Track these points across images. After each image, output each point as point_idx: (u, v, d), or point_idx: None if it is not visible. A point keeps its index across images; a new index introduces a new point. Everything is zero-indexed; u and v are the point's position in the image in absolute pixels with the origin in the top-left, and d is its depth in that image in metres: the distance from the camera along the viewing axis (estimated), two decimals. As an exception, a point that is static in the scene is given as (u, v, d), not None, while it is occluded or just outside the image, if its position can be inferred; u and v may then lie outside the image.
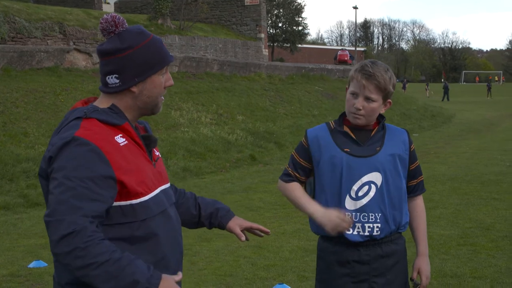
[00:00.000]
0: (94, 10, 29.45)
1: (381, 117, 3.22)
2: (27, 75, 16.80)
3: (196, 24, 30.76)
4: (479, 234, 8.17)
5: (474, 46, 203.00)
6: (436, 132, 25.66)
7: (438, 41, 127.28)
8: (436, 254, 7.23)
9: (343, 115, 3.25)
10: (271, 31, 51.57)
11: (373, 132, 3.17)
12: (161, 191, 2.52)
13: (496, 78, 74.84)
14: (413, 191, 3.29)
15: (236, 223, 2.94)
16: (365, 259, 3.13)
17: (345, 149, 3.12)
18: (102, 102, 2.50)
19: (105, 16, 2.48)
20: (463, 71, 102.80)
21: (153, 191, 2.44)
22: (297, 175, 3.27)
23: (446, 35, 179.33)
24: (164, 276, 2.26)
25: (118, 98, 2.49)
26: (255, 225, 2.96)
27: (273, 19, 52.85)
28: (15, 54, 17.06)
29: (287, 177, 3.30)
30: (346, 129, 3.18)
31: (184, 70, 22.47)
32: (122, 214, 2.35)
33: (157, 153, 2.63)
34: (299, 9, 53.53)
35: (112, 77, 2.46)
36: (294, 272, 6.78)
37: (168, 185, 2.63)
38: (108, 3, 39.55)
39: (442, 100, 49.00)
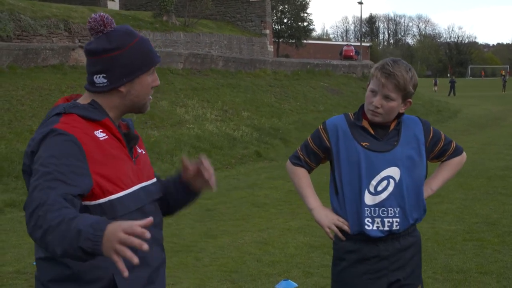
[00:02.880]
0: (99, 7, 29.47)
1: (400, 115, 3.21)
2: (32, 72, 16.83)
3: (201, 20, 30.74)
4: (485, 229, 8.15)
5: (480, 40, 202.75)
6: (442, 127, 25.58)
7: (444, 36, 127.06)
8: (442, 249, 7.22)
9: (362, 108, 3.23)
10: (276, 27, 51.55)
11: (391, 128, 3.18)
12: (141, 188, 2.48)
13: (502, 72, 74.64)
14: (448, 158, 3.38)
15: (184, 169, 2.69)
16: (384, 254, 3.14)
17: (363, 143, 3.12)
18: (84, 99, 2.50)
19: (93, 15, 2.47)
20: (469, 66, 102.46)
21: (130, 187, 2.40)
22: (307, 160, 3.29)
23: (452, 30, 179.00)
24: (115, 222, 2.02)
25: (104, 97, 2.48)
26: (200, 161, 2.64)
27: (278, 15, 52.84)
28: (20, 51, 17.08)
29: (296, 161, 3.33)
30: (364, 123, 3.17)
31: (189, 67, 22.46)
32: (102, 212, 2.30)
33: (140, 150, 2.60)
34: (304, 5, 53.49)
35: (99, 77, 2.45)
36: (299, 268, 6.78)
37: (150, 182, 2.58)
38: (113, 0, 39.54)
39: (448, 95, 48.88)
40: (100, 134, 2.39)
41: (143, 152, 2.63)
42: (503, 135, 21.51)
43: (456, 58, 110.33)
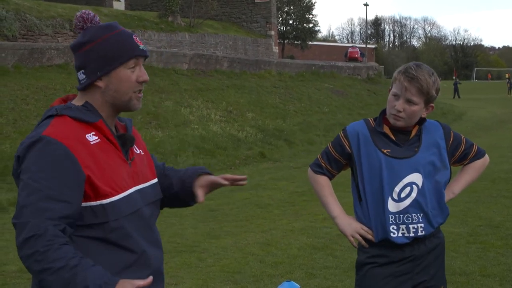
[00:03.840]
0: (105, 7, 29.52)
1: (422, 120, 3.20)
2: (37, 72, 16.87)
3: (206, 21, 30.77)
4: (488, 232, 8.13)
5: (486, 43, 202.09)
6: (447, 130, 25.50)
7: (450, 38, 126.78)
8: (445, 252, 7.21)
9: (382, 114, 3.22)
10: (282, 28, 51.55)
11: (412, 134, 3.17)
12: (137, 191, 2.43)
13: (507, 75, 74.50)
14: (470, 161, 3.36)
15: (198, 185, 2.66)
16: (409, 257, 3.14)
17: (385, 150, 3.11)
18: (78, 100, 2.45)
19: (77, 13, 2.46)
20: (475, 68, 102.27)
21: (124, 191, 2.36)
22: (329, 167, 3.28)
23: (457, 32, 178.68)
24: (122, 280, 2.12)
25: (89, 95, 2.43)
26: (217, 178, 2.65)
27: (284, 16, 52.85)
28: (25, 51, 17.13)
29: (318, 169, 3.31)
30: (386, 129, 3.16)
31: (194, 67, 22.48)
32: (93, 215, 2.29)
33: (139, 151, 2.56)
34: (309, 6, 53.50)
35: (80, 73, 2.43)
36: (302, 269, 6.77)
37: (148, 183, 2.53)
38: (119, 0, 39.60)
39: (453, 97, 48.82)
40: (91, 138, 2.34)
41: (142, 153, 2.57)
42: (508, 137, 21.46)
43: (461, 61, 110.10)
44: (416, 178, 3.10)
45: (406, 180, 3.09)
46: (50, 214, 2.15)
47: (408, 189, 3.09)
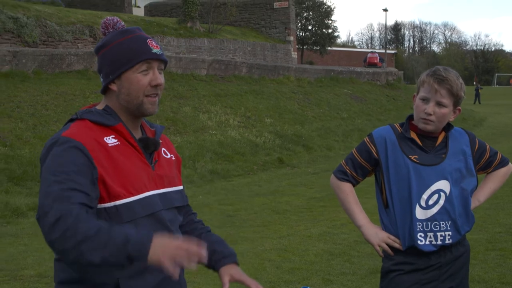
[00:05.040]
0: (124, 13, 29.68)
1: (448, 126, 3.19)
2: (57, 78, 17.00)
3: (225, 27, 30.84)
4: (508, 239, 8.05)
5: (508, 48, 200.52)
6: (467, 136, 25.31)
7: (470, 44, 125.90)
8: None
9: (409, 119, 3.21)
10: (301, 34, 51.48)
11: (438, 140, 3.15)
12: (157, 194, 2.43)
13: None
14: (494, 169, 3.36)
15: (228, 272, 2.57)
16: (435, 265, 3.12)
17: (412, 157, 3.08)
18: (101, 104, 2.51)
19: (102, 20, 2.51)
20: (496, 74, 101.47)
21: (141, 193, 2.36)
22: (354, 174, 3.24)
23: (478, 37, 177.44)
24: (157, 235, 2.16)
25: (109, 99, 2.49)
26: (249, 280, 2.54)
27: (303, 22, 52.77)
28: (45, 57, 17.27)
29: (342, 175, 3.27)
30: (413, 135, 3.14)
31: (212, 73, 22.54)
32: (107, 216, 2.30)
33: (170, 156, 2.59)
34: (328, 12, 53.37)
35: (100, 76, 2.50)
36: (319, 276, 6.74)
37: (172, 189, 2.53)
38: (139, 7, 39.85)
39: (474, 103, 48.47)
40: (110, 140, 2.38)
41: (173, 158, 2.60)
42: (529, 144, 21.26)
43: (482, 66, 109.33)
44: (444, 185, 3.08)
45: (434, 187, 3.07)
46: (73, 200, 2.18)
47: (436, 196, 3.07)
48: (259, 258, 7.49)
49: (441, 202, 3.08)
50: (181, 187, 2.61)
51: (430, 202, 3.07)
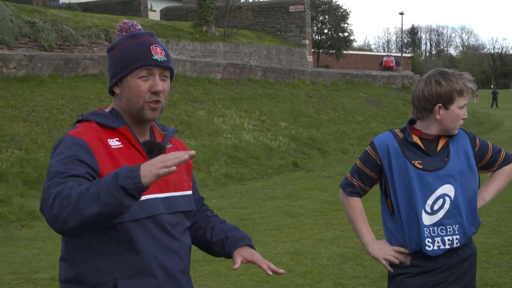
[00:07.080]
0: (140, 17, 29.80)
1: None
2: (72, 82, 17.09)
3: (240, 31, 30.87)
4: (523, 243, 7.98)
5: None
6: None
7: (488, 47, 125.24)
8: (477, 262, 7.08)
9: (410, 123, 3.20)
10: (316, 37, 51.49)
11: (441, 144, 3.14)
12: (160, 198, 2.42)
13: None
14: (499, 167, 3.33)
15: (240, 253, 2.59)
16: (443, 267, 3.12)
17: (415, 162, 3.07)
18: (109, 107, 2.54)
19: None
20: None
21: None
22: (362, 185, 3.23)
23: (496, 41, 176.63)
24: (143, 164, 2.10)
25: (115, 101, 2.51)
26: (261, 260, 2.57)
27: (319, 25, 52.79)
28: (61, 61, 17.38)
29: (350, 189, 3.26)
30: (415, 139, 3.13)
31: (227, 77, 22.56)
32: None
33: None
34: (344, 16, 53.36)
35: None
36: (331, 279, 6.72)
37: (179, 193, 2.51)
38: (154, 11, 40.02)
39: (491, 106, 48.17)
40: (113, 143, 2.39)
41: None
42: (546, 147, 21.05)
43: (500, 70, 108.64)
44: (448, 189, 3.07)
45: (439, 192, 3.06)
46: (71, 184, 2.17)
47: (440, 201, 3.06)
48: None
49: (446, 206, 3.07)
50: (189, 192, 2.59)
51: (435, 207, 3.07)
